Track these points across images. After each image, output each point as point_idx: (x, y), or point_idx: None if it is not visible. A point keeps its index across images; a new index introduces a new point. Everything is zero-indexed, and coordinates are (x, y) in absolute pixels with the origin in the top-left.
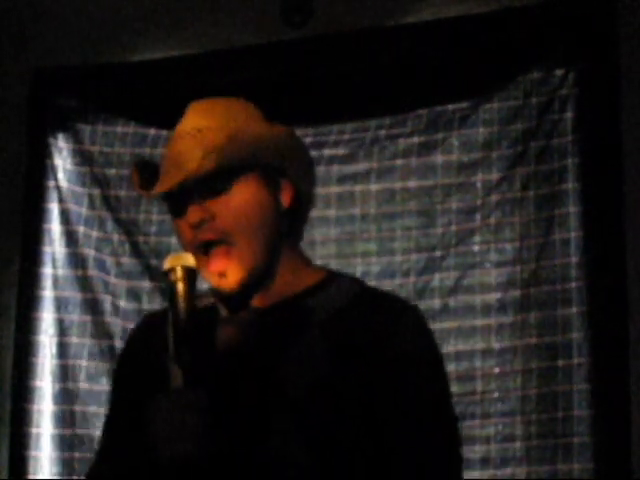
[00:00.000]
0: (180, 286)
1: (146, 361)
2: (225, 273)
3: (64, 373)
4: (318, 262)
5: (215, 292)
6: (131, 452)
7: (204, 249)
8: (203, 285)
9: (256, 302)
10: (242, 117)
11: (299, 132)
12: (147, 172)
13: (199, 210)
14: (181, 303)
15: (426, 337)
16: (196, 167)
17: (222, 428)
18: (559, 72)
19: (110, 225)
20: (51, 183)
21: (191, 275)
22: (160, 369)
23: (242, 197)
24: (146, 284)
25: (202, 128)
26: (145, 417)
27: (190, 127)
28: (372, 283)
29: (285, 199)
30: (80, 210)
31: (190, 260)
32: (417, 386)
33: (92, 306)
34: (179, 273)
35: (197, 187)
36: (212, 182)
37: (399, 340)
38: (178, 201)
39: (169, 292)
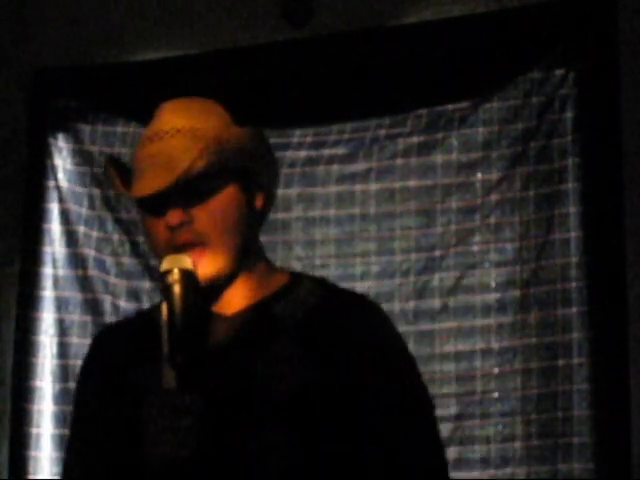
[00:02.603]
0: (177, 288)
1: (114, 372)
2: (195, 267)
3: (64, 373)
4: (318, 262)
5: None
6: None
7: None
8: None
9: (224, 309)
10: (218, 119)
11: (299, 132)
12: (122, 170)
13: (180, 213)
14: (177, 305)
15: (392, 330)
16: (187, 167)
17: (211, 430)
18: (559, 72)
19: (110, 225)
20: (51, 183)
21: (188, 277)
22: (130, 378)
23: (222, 203)
24: (146, 284)
25: (181, 128)
26: (133, 419)
27: (169, 127)
28: (372, 283)
29: (258, 203)
30: (80, 210)
31: (187, 262)
32: (393, 375)
33: (92, 306)
34: (176, 275)
35: (180, 189)
36: (196, 185)
37: (368, 335)
38: (156, 202)
39: (165, 293)
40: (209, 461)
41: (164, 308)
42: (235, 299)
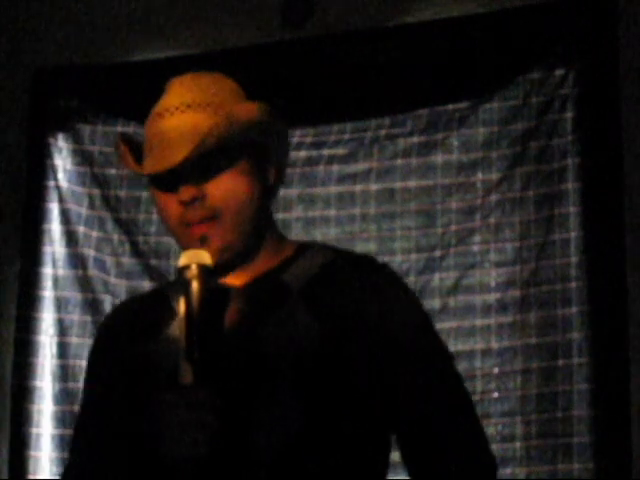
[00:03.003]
0: (195, 284)
1: (128, 347)
2: (207, 238)
3: (64, 373)
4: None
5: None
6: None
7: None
8: None
9: (233, 280)
10: (228, 92)
11: (299, 132)
12: (134, 147)
13: (193, 189)
14: (195, 301)
15: (405, 290)
16: (198, 143)
17: (228, 423)
18: (559, 72)
19: (110, 225)
20: (51, 183)
21: (206, 273)
22: (143, 353)
23: (234, 178)
24: (146, 284)
25: (191, 103)
26: (148, 413)
27: (178, 102)
28: None
29: (270, 177)
30: (80, 210)
31: (206, 258)
32: (412, 336)
33: (92, 306)
34: (194, 271)
35: (192, 165)
36: (208, 160)
37: (381, 297)
38: (168, 178)
39: (183, 289)
40: (224, 455)
41: (182, 303)
42: (245, 271)
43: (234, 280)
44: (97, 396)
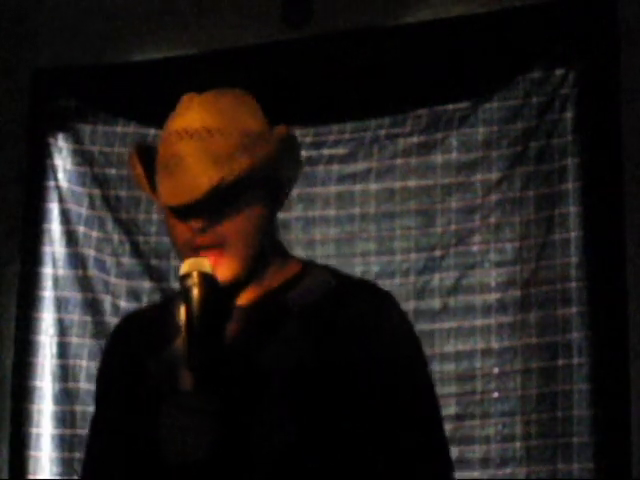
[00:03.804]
0: (195, 291)
1: (136, 362)
2: (215, 269)
3: (64, 373)
4: (318, 262)
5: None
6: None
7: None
8: None
9: (238, 299)
10: (250, 116)
11: (299, 132)
12: (148, 162)
13: (206, 221)
14: (195, 308)
15: (399, 317)
16: (217, 182)
17: (227, 429)
18: (559, 72)
19: (110, 225)
20: (51, 183)
21: (207, 280)
22: (149, 370)
23: (248, 212)
24: (146, 284)
25: (211, 129)
26: (151, 420)
27: (199, 125)
28: None
29: (282, 203)
30: (80, 210)
31: (207, 266)
32: (396, 362)
33: (92, 306)
34: (195, 278)
35: (207, 200)
36: (223, 197)
37: (380, 327)
38: (182, 206)
39: (184, 296)
40: (223, 460)
41: (182, 311)
42: (250, 290)
43: (238, 298)
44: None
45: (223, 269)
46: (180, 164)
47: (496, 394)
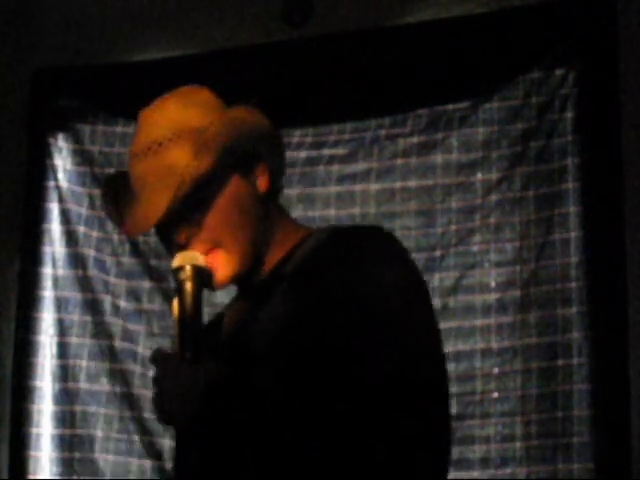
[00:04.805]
0: (188, 285)
1: None
2: (214, 269)
3: (64, 373)
4: None
5: None
6: None
7: None
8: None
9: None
10: (198, 113)
11: (299, 132)
12: (120, 197)
13: (186, 230)
14: (188, 302)
15: (390, 258)
16: (175, 195)
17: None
18: (559, 72)
19: (110, 225)
20: (51, 183)
21: (200, 274)
22: None
23: (226, 201)
24: (146, 284)
25: (162, 140)
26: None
27: (150, 141)
28: None
29: (262, 184)
30: (80, 210)
31: (200, 259)
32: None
33: (92, 306)
34: (188, 272)
35: (178, 208)
36: (194, 197)
37: (358, 269)
38: (159, 226)
39: (177, 289)
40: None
41: (175, 305)
42: (265, 264)
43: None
44: None
45: (221, 269)
46: (145, 186)
47: (496, 394)
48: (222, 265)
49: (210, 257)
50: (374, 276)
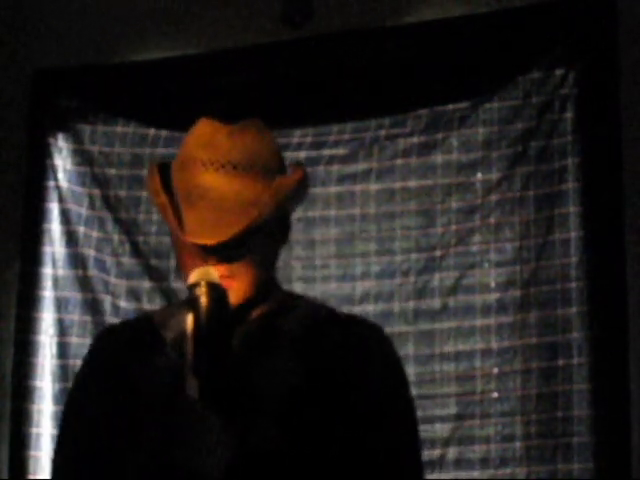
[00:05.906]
0: (203, 300)
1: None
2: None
3: (64, 373)
4: (318, 262)
5: None
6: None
7: None
8: None
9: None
10: (271, 155)
11: (299, 132)
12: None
13: (220, 259)
14: (203, 317)
15: (391, 354)
16: (241, 227)
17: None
18: (559, 72)
19: (110, 225)
20: (51, 183)
21: (215, 290)
22: (134, 381)
23: (260, 255)
24: (146, 284)
25: (237, 164)
26: (154, 429)
27: (225, 159)
28: (372, 283)
29: (284, 239)
30: (80, 210)
31: (215, 275)
32: (379, 390)
33: (92, 306)
34: (203, 288)
35: (230, 243)
36: (243, 239)
37: (366, 355)
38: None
39: (192, 305)
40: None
41: (190, 319)
42: (254, 310)
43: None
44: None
45: (232, 295)
46: (204, 197)
47: (496, 394)
48: (232, 294)
49: (225, 282)
50: (403, 380)
